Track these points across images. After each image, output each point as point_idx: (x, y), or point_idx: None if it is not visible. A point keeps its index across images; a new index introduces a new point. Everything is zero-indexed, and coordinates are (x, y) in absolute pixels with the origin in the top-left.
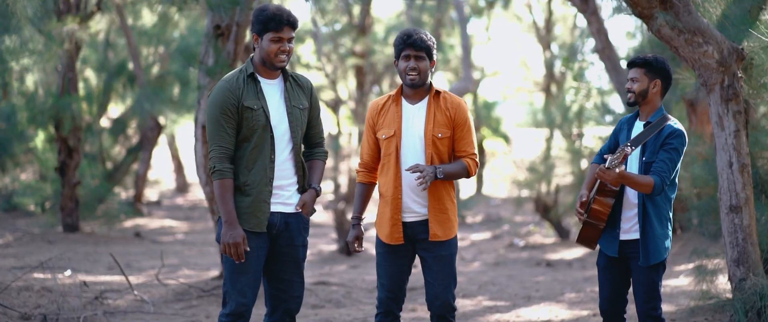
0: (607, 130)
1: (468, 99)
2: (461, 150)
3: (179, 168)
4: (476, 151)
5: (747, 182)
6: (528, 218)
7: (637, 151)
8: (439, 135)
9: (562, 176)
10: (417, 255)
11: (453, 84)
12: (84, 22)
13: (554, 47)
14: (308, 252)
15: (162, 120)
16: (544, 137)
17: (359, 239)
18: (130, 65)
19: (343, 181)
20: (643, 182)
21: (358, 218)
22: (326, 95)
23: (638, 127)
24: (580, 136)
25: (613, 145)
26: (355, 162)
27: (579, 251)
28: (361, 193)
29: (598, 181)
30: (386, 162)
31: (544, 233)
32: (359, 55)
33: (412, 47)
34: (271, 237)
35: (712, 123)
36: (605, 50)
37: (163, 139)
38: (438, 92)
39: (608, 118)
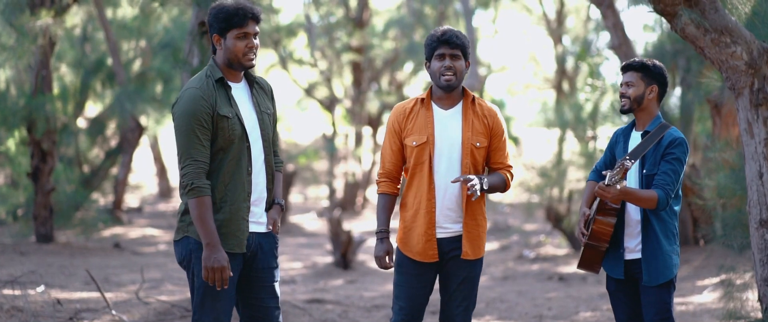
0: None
1: None
2: (498, 162)
3: (162, 171)
4: (512, 163)
5: None
6: (539, 226)
7: (636, 164)
8: (477, 144)
9: (576, 181)
10: (438, 273)
11: None
12: (59, 16)
13: (566, 40)
14: (300, 265)
15: (144, 120)
16: (556, 138)
17: (390, 253)
18: (110, 61)
19: (339, 185)
20: (646, 197)
21: (386, 231)
22: (320, 93)
23: (635, 138)
24: (594, 138)
25: (609, 159)
26: (352, 165)
27: None
28: (385, 205)
29: (598, 199)
30: (417, 172)
31: (556, 243)
32: (356, 50)
33: (447, 45)
34: (245, 259)
35: (740, 130)
36: (622, 46)
37: (144, 140)
38: (473, 97)
39: (624, 117)
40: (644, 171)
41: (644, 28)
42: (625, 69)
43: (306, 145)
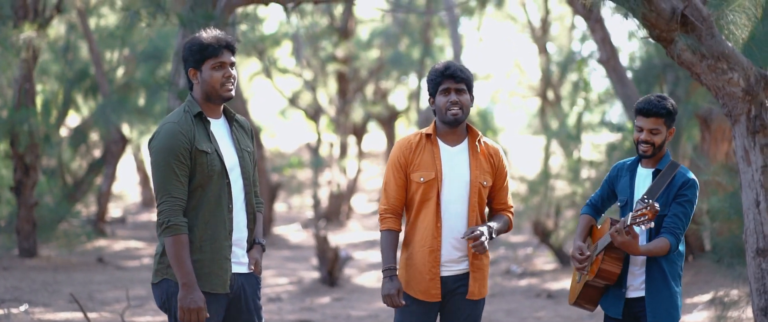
0: (606, 139)
1: None
2: (502, 202)
3: (145, 180)
4: (512, 202)
5: None
6: (526, 238)
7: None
8: (485, 183)
9: (563, 195)
10: (439, 312)
11: None
12: (42, 29)
13: (551, 48)
14: (286, 280)
15: (127, 131)
16: (542, 147)
17: (401, 290)
18: (93, 71)
19: (324, 195)
20: (660, 248)
21: (393, 269)
22: (304, 102)
23: (643, 175)
24: (579, 149)
25: (607, 194)
26: (336, 175)
27: None
28: (391, 242)
29: (607, 237)
30: (423, 208)
31: (545, 259)
32: (341, 60)
33: (453, 79)
34: (228, 301)
35: (737, 157)
36: (610, 61)
37: (128, 150)
38: (474, 133)
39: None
40: None
41: (629, 37)
42: (647, 114)
43: (290, 154)
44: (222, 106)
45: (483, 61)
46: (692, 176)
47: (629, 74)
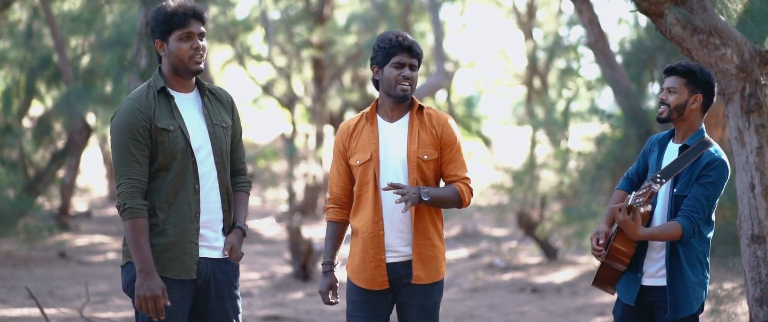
0: (596, 129)
1: (441, 95)
2: (451, 174)
3: (112, 173)
4: (469, 174)
5: None
6: (510, 232)
7: (669, 180)
8: (425, 157)
9: (549, 185)
10: (393, 303)
11: (425, 80)
12: (2, 12)
13: (537, 34)
14: (257, 275)
15: (92, 121)
16: (528, 137)
17: (333, 288)
18: (56, 58)
19: (299, 188)
20: (669, 233)
21: (330, 263)
22: (279, 90)
23: (672, 150)
24: (566, 138)
25: (641, 167)
26: (313, 166)
27: (568, 274)
28: (332, 233)
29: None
30: (362, 193)
31: (529, 251)
32: (317, 46)
33: (408, 53)
34: (196, 288)
35: (730, 138)
36: (598, 43)
37: (93, 140)
38: (421, 107)
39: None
40: (675, 191)
41: (619, 22)
42: (668, 72)
43: (264, 146)
44: (194, 79)
45: (466, 48)
46: (722, 155)
47: (619, 59)
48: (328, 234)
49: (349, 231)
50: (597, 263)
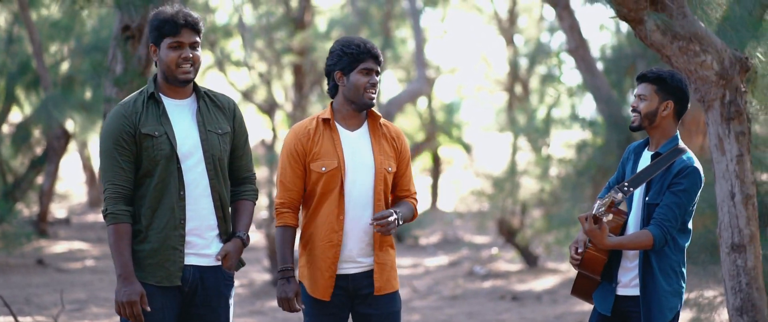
0: (577, 136)
1: (422, 101)
2: (405, 188)
3: (92, 179)
4: (416, 188)
5: (752, 216)
6: (490, 239)
7: (642, 187)
8: (389, 169)
9: (530, 192)
10: (352, 314)
11: (405, 86)
12: None
13: (519, 41)
14: (236, 282)
15: (71, 127)
16: (509, 144)
17: (299, 294)
18: (35, 64)
19: None
20: (639, 242)
21: (291, 269)
22: (259, 96)
23: (646, 158)
24: (547, 145)
25: (621, 176)
26: None
27: (549, 282)
28: (289, 238)
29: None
30: (324, 200)
31: (509, 258)
32: (297, 52)
33: (375, 60)
34: (182, 296)
35: (710, 145)
36: (579, 49)
37: (73, 146)
38: (374, 116)
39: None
40: (647, 199)
41: (601, 28)
42: (639, 79)
43: None
44: (191, 85)
45: (448, 54)
46: (694, 163)
47: (600, 65)
48: (284, 239)
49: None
50: (575, 271)
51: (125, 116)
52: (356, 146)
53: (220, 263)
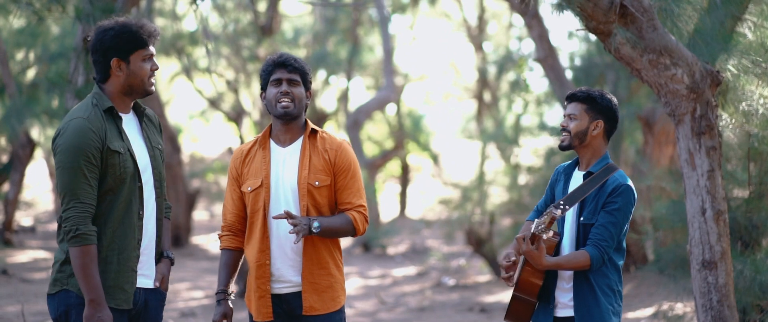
0: (545, 143)
1: (391, 108)
2: (346, 201)
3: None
4: (365, 201)
5: (723, 233)
6: (459, 249)
7: (574, 209)
8: (316, 183)
9: (498, 201)
10: None
11: (374, 94)
12: None
13: (488, 47)
14: (202, 294)
15: (36, 135)
16: (478, 153)
17: (228, 317)
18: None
19: None
20: (576, 262)
21: (224, 292)
22: (227, 104)
23: (577, 178)
24: (516, 153)
25: (549, 200)
26: None
27: None
28: (226, 262)
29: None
30: (253, 221)
31: (478, 268)
32: (264, 59)
33: (284, 68)
34: (129, 319)
35: (681, 161)
36: (548, 59)
37: (38, 154)
38: (314, 130)
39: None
40: (582, 219)
41: (569, 36)
42: (569, 99)
43: (211, 159)
44: (133, 101)
45: (416, 61)
46: (626, 181)
47: (569, 74)
48: (221, 262)
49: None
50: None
51: (93, 131)
52: (284, 163)
53: (158, 286)
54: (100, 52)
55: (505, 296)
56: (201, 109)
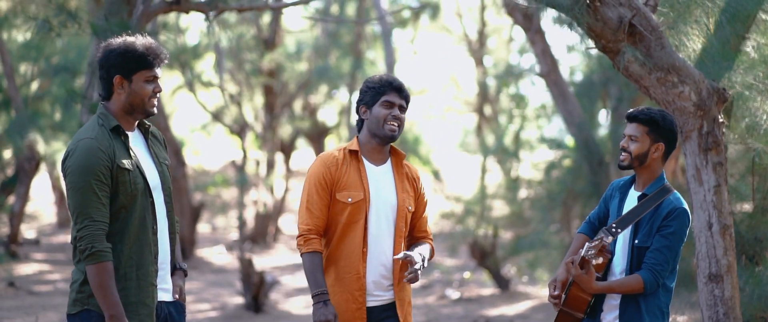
0: (545, 156)
1: None
2: (423, 230)
3: (61, 200)
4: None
5: (729, 247)
6: (463, 262)
7: (628, 230)
8: (410, 208)
9: (500, 214)
10: None
11: None
12: None
13: (488, 62)
14: (208, 306)
15: (41, 148)
16: (479, 166)
17: (337, 317)
18: (5, 84)
19: (250, 216)
20: (628, 286)
21: (326, 293)
22: (229, 117)
23: (632, 198)
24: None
25: (603, 213)
26: (263, 194)
27: (522, 306)
28: (318, 263)
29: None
30: (348, 231)
31: (481, 281)
32: (267, 73)
33: (398, 93)
34: None
35: (687, 176)
36: (551, 74)
37: (42, 167)
38: (398, 154)
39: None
40: (636, 241)
41: (569, 50)
42: (630, 119)
43: (214, 172)
44: (136, 120)
45: (417, 75)
46: (682, 204)
47: (570, 89)
48: (314, 264)
49: None
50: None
51: (102, 150)
52: (381, 181)
53: (177, 298)
54: (105, 69)
55: (509, 309)
56: (203, 123)
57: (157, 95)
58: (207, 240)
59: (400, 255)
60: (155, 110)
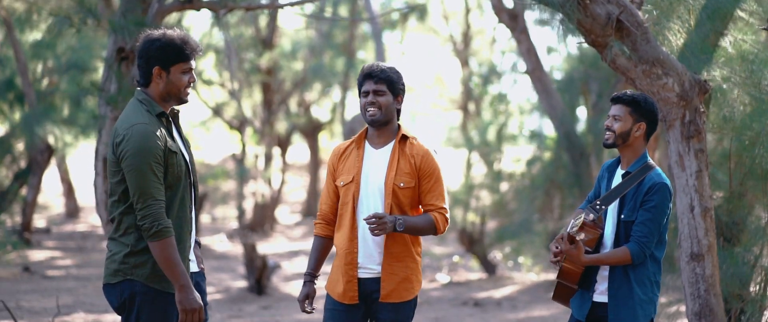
0: (528, 151)
1: None
2: (429, 203)
3: (70, 191)
4: (446, 204)
5: (710, 228)
6: (452, 250)
7: (615, 205)
8: (401, 184)
9: (486, 203)
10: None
11: None
12: None
13: (473, 62)
14: (213, 288)
15: (52, 141)
16: (464, 160)
17: (310, 297)
18: (19, 80)
19: (249, 206)
20: (616, 258)
21: (311, 275)
22: (229, 113)
23: (618, 176)
24: (499, 160)
25: (598, 192)
26: (261, 186)
27: (508, 289)
28: (317, 247)
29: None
30: (343, 212)
31: (470, 266)
32: (265, 71)
33: (371, 79)
34: None
35: (671, 162)
36: (536, 71)
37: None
38: (405, 136)
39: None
40: (622, 216)
41: (548, 52)
42: (614, 101)
43: (215, 165)
44: (170, 107)
45: (406, 74)
46: (663, 179)
47: (553, 85)
48: (313, 247)
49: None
50: (535, 277)
51: (156, 134)
52: (374, 163)
53: (203, 267)
54: (144, 59)
55: (497, 292)
56: (203, 119)
57: (192, 84)
58: (208, 229)
59: (368, 216)
60: (188, 99)
